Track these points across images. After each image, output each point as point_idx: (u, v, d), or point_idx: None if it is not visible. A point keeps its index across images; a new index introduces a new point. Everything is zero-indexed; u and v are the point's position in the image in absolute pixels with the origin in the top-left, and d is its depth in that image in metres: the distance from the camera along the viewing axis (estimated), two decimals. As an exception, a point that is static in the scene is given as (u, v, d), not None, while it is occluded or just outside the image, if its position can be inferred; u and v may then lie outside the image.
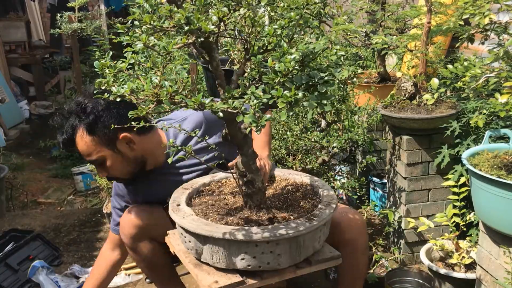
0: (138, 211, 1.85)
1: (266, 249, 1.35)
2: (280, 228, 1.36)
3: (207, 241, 1.38)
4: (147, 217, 1.83)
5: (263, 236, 1.32)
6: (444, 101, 2.40)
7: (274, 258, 1.38)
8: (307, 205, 1.54)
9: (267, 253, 1.36)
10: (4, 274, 2.53)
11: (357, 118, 2.75)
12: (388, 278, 2.30)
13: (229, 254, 1.37)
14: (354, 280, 1.85)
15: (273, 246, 1.36)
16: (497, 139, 2.07)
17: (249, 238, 1.32)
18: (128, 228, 1.83)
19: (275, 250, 1.36)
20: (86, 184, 4.16)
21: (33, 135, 5.62)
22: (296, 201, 1.57)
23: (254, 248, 1.35)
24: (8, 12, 6.92)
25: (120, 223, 1.89)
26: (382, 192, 2.97)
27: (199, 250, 1.42)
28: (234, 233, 1.33)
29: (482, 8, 1.81)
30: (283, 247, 1.37)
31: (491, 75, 1.65)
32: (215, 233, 1.34)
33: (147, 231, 1.83)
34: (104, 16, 5.24)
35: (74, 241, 3.07)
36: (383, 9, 3.06)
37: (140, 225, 1.82)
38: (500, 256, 1.72)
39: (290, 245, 1.38)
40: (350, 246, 1.75)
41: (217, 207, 1.53)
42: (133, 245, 1.86)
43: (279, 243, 1.36)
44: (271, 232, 1.34)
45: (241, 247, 1.35)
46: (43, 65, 6.99)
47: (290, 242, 1.37)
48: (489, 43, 1.98)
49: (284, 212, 1.50)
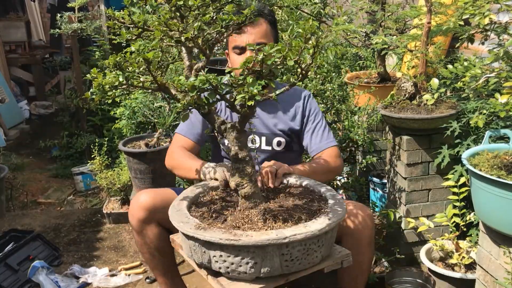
0: (148, 194, 1.87)
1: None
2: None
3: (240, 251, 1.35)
4: (157, 200, 1.85)
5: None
6: (444, 101, 2.40)
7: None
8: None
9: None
10: (4, 274, 2.53)
11: (357, 118, 2.75)
12: (388, 278, 2.30)
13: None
14: (356, 275, 1.81)
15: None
16: (497, 139, 2.07)
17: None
18: (137, 210, 1.85)
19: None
20: (86, 184, 4.17)
21: (33, 135, 5.62)
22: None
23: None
24: (8, 12, 6.93)
25: (129, 206, 1.92)
26: (382, 192, 2.97)
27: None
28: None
29: (482, 8, 1.81)
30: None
31: (491, 75, 1.65)
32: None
33: (155, 214, 1.84)
34: (104, 16, 5.24)
35: (74, 241, 3.07)
36: (383, 9, 3.06)
37: (149, 208, 1.83)
38: (500, 256, 1.72)
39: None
40: (354, 237, 1.73)
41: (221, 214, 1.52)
42: (140, 228, 1.87)
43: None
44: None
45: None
46: (43, 65, 7.00)
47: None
48: (489, 43, 1.98)
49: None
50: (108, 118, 4.38)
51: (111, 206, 3.36)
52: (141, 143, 3.12)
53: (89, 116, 4.77)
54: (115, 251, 2.93)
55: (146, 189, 1.97)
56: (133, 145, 3.14)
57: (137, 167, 3.04)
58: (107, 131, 4.30)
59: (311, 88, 2.66)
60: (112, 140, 3.90)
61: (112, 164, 3.56)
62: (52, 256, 2.82)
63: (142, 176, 3.05)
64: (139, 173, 3.05)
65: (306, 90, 2.12)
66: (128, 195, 3.30)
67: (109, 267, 2.74)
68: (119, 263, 2.80)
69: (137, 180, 3.09)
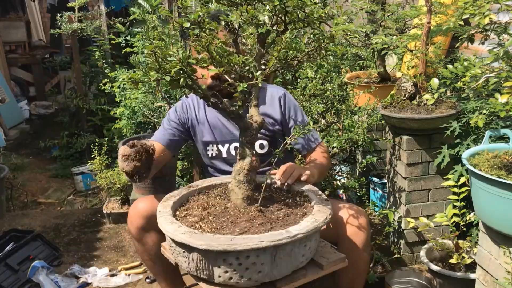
0: (146, 201, 1.87)
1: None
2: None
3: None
4: (155, 207, 1.85)
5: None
6: (444, 101, 2.40)
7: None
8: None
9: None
10: (4, 274, 2.53)
11: (357, 118, 2.75)
12: (388, 278, 2.30)
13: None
14: (354, 278, 1.83)
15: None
16: (497, 139, 2.07)
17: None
18: (136, 218, 1.85)
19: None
20: (86, 184, 4.17)
21: (33, 135, 5.62)
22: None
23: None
24: (8, 12, 6.93)
25: (128, 214, 1.92)
26: (382, 192, 2.97)
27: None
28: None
29: (482, 8, 1.81)
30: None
31: (491, 75, 1.65)
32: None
33: (154, 222, 1.83)
34: (104, 16, 5.24)
35: (74, 241, 3.07)
36: (383, 9, 3.06)
37: (148, 216, 1.84)
38: (500, 256, 1.71)
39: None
40: (351, 242, 1.74)
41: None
42: (139, 236, 1.88)
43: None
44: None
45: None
46: (43, 65, 6.99)
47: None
48: (489, 43, 1.98)
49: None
50: (108, 118, 4.37)
51: (111, 206, 3.36)
52: (141, 143, 3.11)
53: (89, 116, 4.76)
54: (115, 251, 2.93)
55: (144, 197, 1.96)
56: (133, 145, 3.13)
57: (137, 167, 3.03)
58: (107, 131, 4.30)
59: (311, 88, 2.66)
60: (112, 140, 3.90)
61: (112, 164, 3.56)
62: (52, 256, 2.82)
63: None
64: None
65: (280, 88, 2.09)
66: (128, 195, 3.30)
67: (109, 267, 2.74)
68: (119, 263, 2.80)
69: (137, 180, 3.09)
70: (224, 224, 1.46)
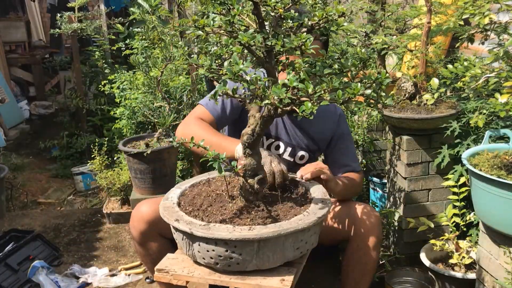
0: (149, 205, 1.85)
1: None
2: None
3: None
4: (158, 211, 1.84)
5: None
6: (444, 101, 2.40)
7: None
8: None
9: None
10: (4, 274, 2.53)
11: (357, 118, 2.75)
12: (388, 278, 2.30)
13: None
14: (361, 276, 1.82)
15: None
16: (497, 139, 2.07)
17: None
18: (139, 223, 1.83)
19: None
20: (86, 184, 4.17)
21: (33, 135, 5.62)
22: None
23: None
24: (8, 12, 6.93)
25: (130, 217, 1.89)
26: (382, 192, 2.97)
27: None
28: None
29: (482, 8, 1.81)
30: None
31: (491, 75, 1.65)
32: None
33: (157, 226, 1.82)
34: (104, 16, 5.25)
35: (74, 241, 3.07)
36: (383, 9, 3.06)
37: (151, 221, 1.81)
38: (500, 256, 1.72)
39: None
40: (362, 239, 1.74)
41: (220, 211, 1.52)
42: (142, 240, 1.86)
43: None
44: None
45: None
46: (43, 65, 6.99)
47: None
48: (489, 43, 1.98)
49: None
50: (108, 118, 4.37)
51: (111, 206, 3.36)
52: (141, 143, 3.12)
53: (89, 116, 4.76)
54: (115, 251, 2.94)
55: (147, 200, 1.92)
56: (133, 145, 3.14)
57: (137, 167, 3.04)
58: (107, 131, 4.30)
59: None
60: (112, 140, 3.90)
61: (112, 164, 3.56)
62: (52, 256, 2.82)
63: (142, 176, 3.05)
64: (139, 173, 3.05)
65: (339, 108, 2.07)
66: (128, 195, 3.30)
67: (109, 267, 2.74)
68: (119, 263, 2.80)
69: (137, 180, 3.09)
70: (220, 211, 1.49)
